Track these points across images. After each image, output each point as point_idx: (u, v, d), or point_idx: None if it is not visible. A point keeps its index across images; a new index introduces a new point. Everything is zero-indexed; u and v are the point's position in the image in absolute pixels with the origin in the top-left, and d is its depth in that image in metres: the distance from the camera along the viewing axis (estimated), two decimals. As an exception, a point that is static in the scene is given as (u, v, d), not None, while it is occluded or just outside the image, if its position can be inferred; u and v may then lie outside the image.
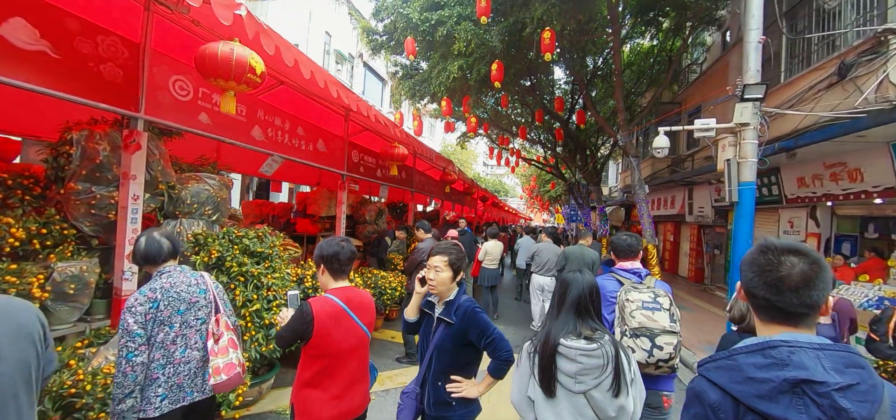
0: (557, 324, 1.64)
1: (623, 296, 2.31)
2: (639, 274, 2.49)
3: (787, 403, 0.86)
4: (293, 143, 5.06)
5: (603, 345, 1.55)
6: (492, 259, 6.86)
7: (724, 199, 10.48)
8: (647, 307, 2.19)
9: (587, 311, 1.64)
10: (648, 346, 2.13)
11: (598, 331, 1.62)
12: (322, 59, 19.75)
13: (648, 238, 8.42)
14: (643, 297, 2.24)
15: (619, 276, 2.52)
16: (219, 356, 1.80)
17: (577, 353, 1.54)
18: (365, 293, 1.93)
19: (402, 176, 8.84)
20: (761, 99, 4.96)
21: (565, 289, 1.68)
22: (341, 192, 6.23)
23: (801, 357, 0.88)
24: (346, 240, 1.88)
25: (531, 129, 16.23)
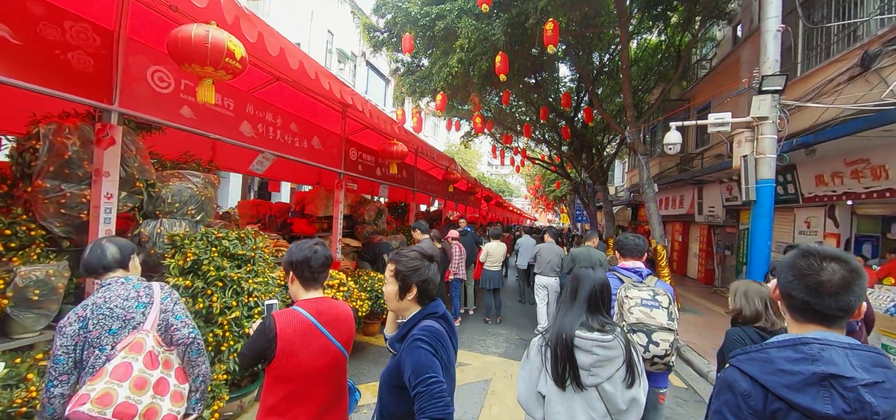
0: (570, 317, 1.64)
1: (622, 293, 2.37)
2: (640, 273, 2.52)
3: (815, 395, 0.93)
4: (286, 140, 4.84)
5: (617, 336, 1.56)
6: (494, 261, 6.61)
7: (737, 198, 10.19)
8: (646, 304, 2.25)
9: (598, 307, 1.66)
10: (645, 341, 2.18)
11: (608, 324, 1.62)
12: (324, 58, 19.60)
13: (657, 238, 8.12)
14: (642, 294, 2.30)
15: (621, 274, 2.57)
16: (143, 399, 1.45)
17: (594, 345, 1.55)
18: (341, 305, 1.68)
19: (403, 175, 8.61)
20: (780, 91, 4.67)
21: (577, 284, 1.69)
22: (338, 192, 6.01)
23: (832, 354, 0.95)
24: (321, 243, 1.64)
25: (536, 127, 15.96)
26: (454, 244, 6.03)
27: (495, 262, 6.64)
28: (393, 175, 7.75)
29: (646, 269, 2.63)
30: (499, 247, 6.64)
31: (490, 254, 6.49)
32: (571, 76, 15.56)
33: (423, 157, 9.16)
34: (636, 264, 2.63)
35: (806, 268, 1.02)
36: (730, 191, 9.92)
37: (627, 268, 2.62)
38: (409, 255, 1.62)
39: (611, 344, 1.55)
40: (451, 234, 6.17)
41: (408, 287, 1.54)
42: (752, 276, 4.77)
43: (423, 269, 1.57)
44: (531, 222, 33.28)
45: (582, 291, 1.67)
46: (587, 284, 1.67)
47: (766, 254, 4.74)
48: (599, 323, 1.62)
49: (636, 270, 2.57)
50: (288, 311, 1.51)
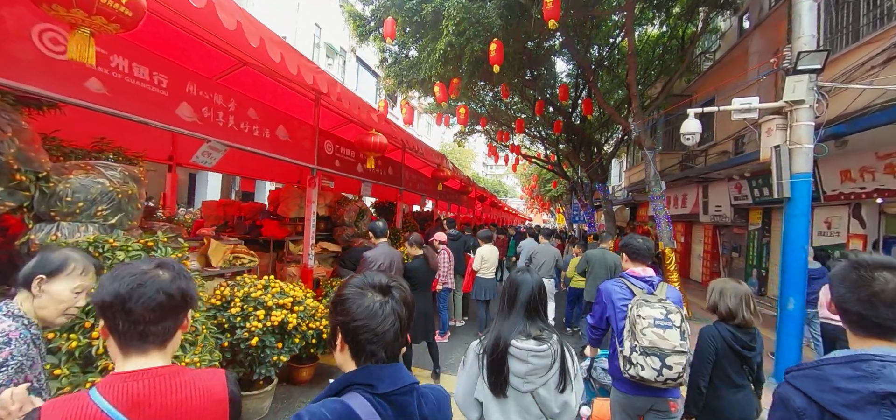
0: (507, 324, 1.63)
1: (635, 310, 2.21)
2: (651, 282, 2.37)
3: (874, 414, 0.89)
4: (242, 128, 4.10)
5: (552, 344, 1.57)
6: (488, 267, 5.87)
7: (746, 197, 9.58)
8: (659, 325, 2.13)
9: (536, 312, 1.65)
10: (658, 365, 2.11)
11: (545, 330, 1.62)
12: (311, 52, 18.81)
13: (665, 241, 7.47)
14: (655, 313, 2.15)
15: (631, 283, 2.39)
16: None
17: (528, 354, 1.55)
18: (199, 382, 0.89)
19: (389, 172, 7.91)
20: (820, 69, 4.01)
21: (516, 290, 1.67)
22: (311, 190, 5.28)
23: (893, 371, 0.91)
24: (168, 264, 0.90)
25: (531, 123, 15.29)
26: (441, 249, 5.30)
27: (490, 269, 5.91)
28: (375, 172, 7.04)
29: (656, 276, 2.45)
30: (493, 251, 5.91)
31: (484, 259, 5.78)
32: (569, 72, 14.95)
33: (412, 153, 8.46)
34: (646, 271, 2.44)
35: (858, 280, 0.99)
36: (739, 189, 9.31)
37: (637, 276, 2.41)
38: (347, 283, 1.01)
39: (545, 353, 1.56)
40: (437, 237, 5.45)
41: (333, 333, 0.98)
42: (788, 283, 4.12)
43: (355, 307, 0.92)
44: (527, 223, 32.67)
45: (520, 297, 1.65)
46: (525, 290, 1.65)
47: (802, 258, 4.08)
48: (538, 329, 1.61)
49: (647, 279, 2.39)
50: (68, 401, 0.77)
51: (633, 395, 2.31)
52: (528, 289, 1.64)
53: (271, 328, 2.78)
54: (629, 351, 2.17)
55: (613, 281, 2.51)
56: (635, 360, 2.14)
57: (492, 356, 1.57)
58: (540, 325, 1.62)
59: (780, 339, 4.13)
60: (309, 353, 3.47)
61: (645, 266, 2.46)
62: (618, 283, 2.45)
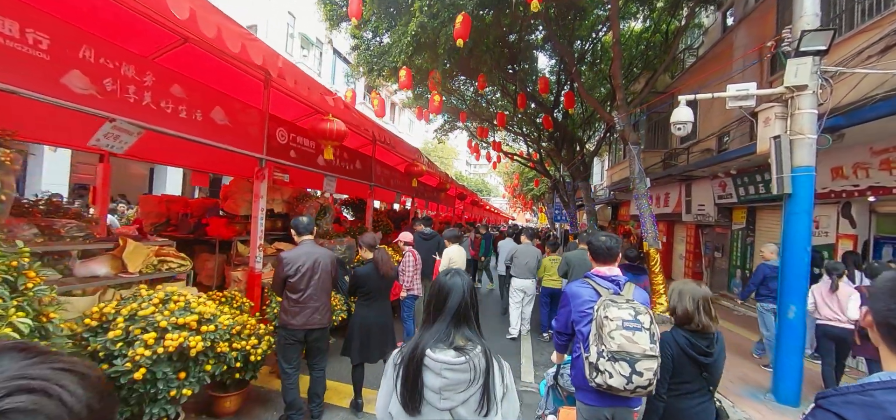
0: (430, 333, 1.44)
1: (601, 311, 2.07)
2: (617, 282, 2.25)
3: None
4: (164, 108, 3.44)
5: (472, 357, 1.37)
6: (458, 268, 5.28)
7: (730, 196, 9.32)
8: (628, 327, 1.98)
9: (466, 319, 1.47)
10: (628, 371, 1.94)
11: (471, 341, 1.43)
12: (285, 43, 17.93)
13: (650, 241, 7.07)
14: (623, 314, 2.01)
15: (596, 284, 2.25)
16: None
17: (443, 367, 1.36)
18: None
19: (357, 166, 7.29)
20: (825, 51, 3.61)
21: (445, 295, 1.47)
22: (258, 183, 4.64)
23: None
24: None
25: (513, 121, 14.86)
26: (407, 251, 4.72)
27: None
28: (340, 165, 6.43)
29: (622, 275, 2.31)
30: (461, 252, 5.31)
31: (452, 261, 5.20)
32: (551, 68, 14.57)
33: (384, 146, 7.86)
34: (612, 270, 2.31)
35: None
36: (723, 188, 9.04)
37: (603, 276, 2.28)
38: None
39: (461, 366, 1.35)
40: (401, 237, 4.86)
41: None
42: (789, 289, 3.71)
43: None
44: (509, 222, 32.35)
45: (449, 304, 1.45)
46: (455, 296, 1.45)
47: (805, 260, 3.68)
48: (464, 338, 1.43)
49: (613, 279, 2.27)
50: None
51: (598, 406, 2.18)
52: (458, 294, 1.47)
53: (166, 356, 2.17)
54: (596, 356, 2.02)
55: (578, 282, 2.34)
56: (603, 366, 1.99)
57: (406, 367, 1.39)
58: (467, 334, 1.45)
59: (779, 354, 3.72)
60: (234, 378, 2.86)
61: (610, 265, 2.32)
62: (583, 285, 2.29)
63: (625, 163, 17.01)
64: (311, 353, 2.99)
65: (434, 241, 6.59)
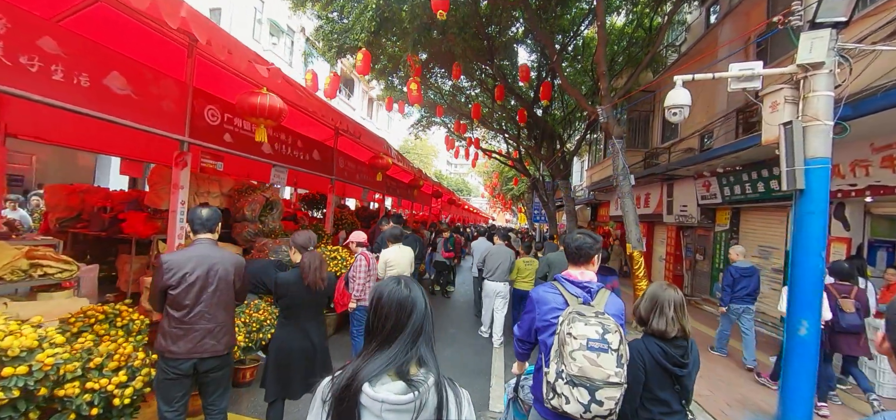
0: (372, 362, 1.09)
1: (565, 326, 1.78)
2: (589, 290, 1.93)
3: None
4: (25, 64, 2.62)
5: (422, 394, 1.07)
6: (397, 273, 4.45)
7: (715, 197, 8.94)
8: (593, 347, 1.72)
9: (425, 341, 1.15)
10: (586, 399, 1.70)
11: (424, 368, 1.13)
12: (252, 29, 16.82)
13: (634, 243, 6.55)
14: (589, 331, 1.74)
15: (565, 289, 1.94)
16: None
17: (384, 408, 1.05)
18: None
19: (314, 156, 6.52)
20: (845, 23, 3.08)
21: (409, 311, 1.15)
22: (178, 171, 3.85)
23: None
24: None
25: (492, 117, 14.26)
26: (359, 254, 3.96)
27: (403, 275, 4.44)
28: (293, 155, 5.66)
29: (596, 282, 1.99)
30: (402, 253, 4.48)
31: (390, 264, 4.33)
32: (531, 63, 14.05)
33: (347, 136, 7.11)
34: (585, 275, 2.00)
35: None
36: (707, 188, 8.64)
37: (574, 281, 1.97)
38: None
39: (406, 407, 1.05)
40: (353, 238, 4.10)
41: None
42: (801, 301, 3.17)
43: None
44: (485, 222, 31.87)
45: (412, 323, 1.13)
46: (418, 314, 1.15)
47: (820, 267, 3.15)
48: (419, 364, 1.13)
49: (585, 285, 1.94)
50: None
51: None
52: (421, 312, 1.16)
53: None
54: (555, 376, 1.80)
55: (546, 286, 2.05)
56: (560, 388, 1.77)
57: (337, 406, 1.06)
58: (424, 358, 1.13)
59: (788, 378, 3.18)
60: (92, 430, 2.07)
61: (584, 267, 2.03)
62: (550, 289, 2.00)
63: (605, 163, 16.67)
64: (206, 391, 2.23)
65: (412, 240, 5.88)
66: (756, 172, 6.93)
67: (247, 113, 3.69)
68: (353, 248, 3.98)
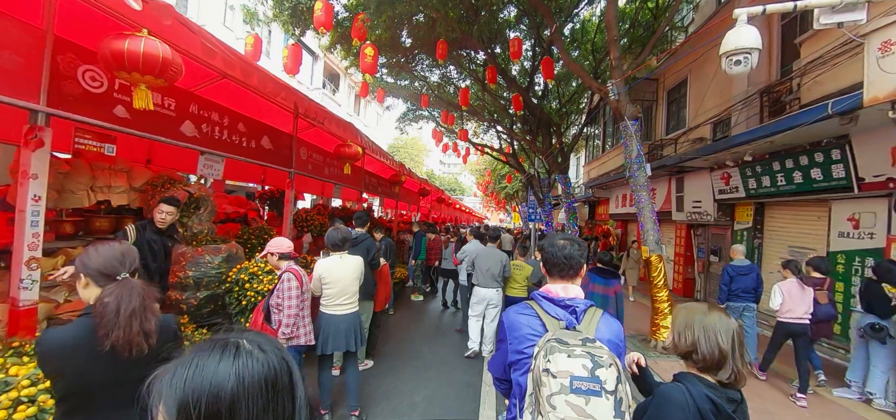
0: None
1: (541, 360, 1.31)
2: (574, 310, 1.45)
3: None
4: None
5: None
6: (339, 294, 3.18)
7: (736, 189, 7.78)
8: (579, 389, 1.24)
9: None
10: None
11: None
12: (223, 15, 15.56)
13: (651, 245, 5.47)
14: (573, 366, 1.26)
15: (543, 310, 1.48)
16: None
17: None
18: None
19: (265, 144, 5.37)
20: None
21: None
22: (29, 153, 2.74)
23: None
24: None
25: (484, 105, 13.15)
26: (285, 273, 2.67)
27: (343, 294, 3.20)
28: (229, 141, 4.52)
29: (584, 301, 1.49)
30: (345, 265, 3.22)
31: (326, 281, 3.12)
32: (525, 53, 12.97)
33: (308, 120, 5.97)
34: (569, 291, 1.53)
35: None
36: (726, 180, 7.59)
37: (555, 299, 1.49)
38: None
39: None
40: (271, 247, 2.83)
41: None
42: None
43: None
44: (485, 222, 30.77)
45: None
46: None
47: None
48: None
49: (568, 305, 1.46)
50: None
51: None
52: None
53: None
54: None
55: (520, 306, 1.53)
56: None
57: None
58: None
59: None
60: None
61: (569, 282, 1.54)
62: (525, 309, 1.51)
63: (603, 158, 15.62)
64: None
65: (362, 246, 4.73)
66: (792, 160, 5.88)
67: (112, 63, 2.51)
68: (272, 261, 2.80)
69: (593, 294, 4.31)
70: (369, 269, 4.74)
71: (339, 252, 3.12)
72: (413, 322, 6.70)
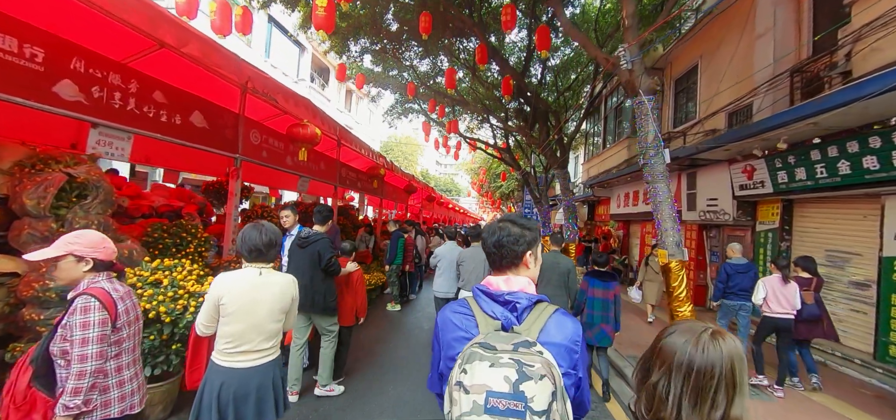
0: None
1: (457, 370, 1.00)
2: (515, 306, 1.13)
3: None
4: None
5: None
6: (245, 330, 1.99)
7: (761, 184, 6.42)
8: (495, 408, 0.91)
9: None
10: None
11: None
12: None
13: (671, 248, 4.48)
14: (492, 379, 0.93)
15: (479, 306, 1.18)
16: None
17: None
18: None
19: (199, 123, 4.37)
20: None
21: None
22: None
23: None
24: None
25: (477, 96, 12.16)
26: (82, 294, 1.52)
27: (257, 335, 2.01)
28: (138, 114, 3.52)
29: (529, 295, 1.15)
30: (271, 289, 2.06)
31: (224, 308, 1.95)
32: (521, 44, 12.02)
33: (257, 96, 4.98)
34: (513, 283, 1.19)
35: None
36: (750, 174, 6.61)
37: (493, 294, 1.17)
38: None
39: None
40: (67, 246, 1.67)
41: None
42: None
43: None
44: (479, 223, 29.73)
45: None
46: None
47: None
48: None
49: (509, 300, 1.14)
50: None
51: None
52: None
53: None
54: None
55: (455, 304, 1.24)
56: None
57: None
58: None
59: None
60: None
61: (511, 273, 1.22)
62: (459, 309, 1.21)
63: (604, 155, 14.64)
64: None
65: (309, 249, 3.72)
66: (837, 147, 4.91)
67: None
68: (65, 273, 1.67)
69: (594, 299, 4.03)
70: (325, 276, 3.76)
71: (260, 265, 2.08)
72: (384, 338, 5.69)
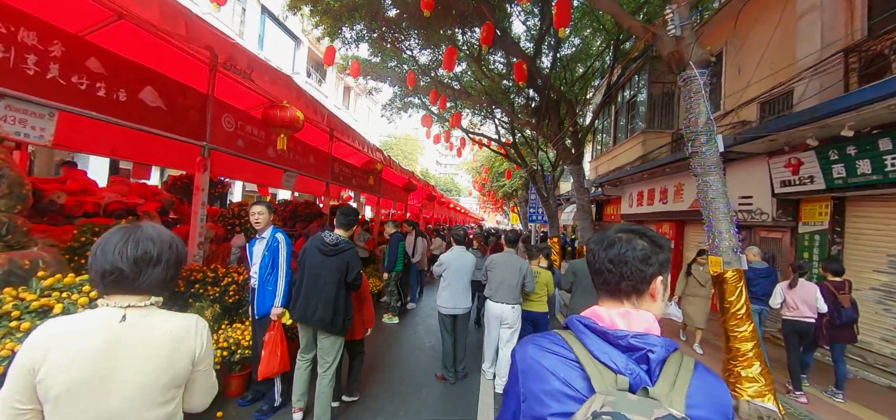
0: None
1: None
2: (647, 356, 0.75)
3: None
4: None
5: None
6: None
7: (810, 179, 4.84)
8: None
9: None
10: None
11: None
12: (185, -14, 13.70)
13: (727, 255, 3.69)
14: None
15: (589, 351, 0.78)
16: None
17: None
18: None
19: (148, 99, 3.58)
20: None
21: None
22: None
23: None
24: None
25: (482, 88, 11.36)
26: None
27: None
28: (81, 90, 2.73)
29: (661, 339, 0.76)
30: (164, 337, 1.07)
31: (39, 385, 0.95)
32: (529, 32, 11.22)
33: (228, 74, 4.23)
34: (635, 321, 0.81)
35: None
36: (795, 168, 5.83)
37: (607, 332, 0.79)
38: None
39: None
40: None
41: None
42: None
43: None
44: (481, 224, 28.93)
45: None
46: None
47: None
48: None
49: (635, 346, 0.76)
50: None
51: None
52: None
53: None
54: None
55: (545, 339, 0.85)
56: None
57: None
58: None
59: None
60: None
61: (630, 304, 0.86)
62: (554, 347, 0.82)
63: (614, 152, 13.84)
64: None
65: (341, 259, 2.98)
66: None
67: None
68: None
69: None
70: (347, 291, 3.10)
71: (124, 299, 1.04)
72: (380, 357, 4.88)
